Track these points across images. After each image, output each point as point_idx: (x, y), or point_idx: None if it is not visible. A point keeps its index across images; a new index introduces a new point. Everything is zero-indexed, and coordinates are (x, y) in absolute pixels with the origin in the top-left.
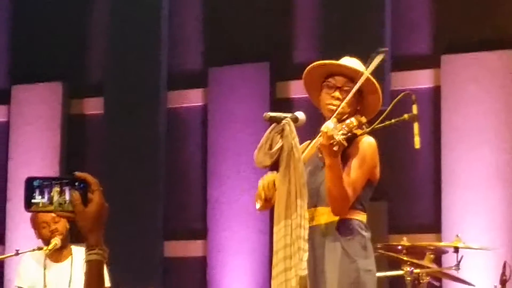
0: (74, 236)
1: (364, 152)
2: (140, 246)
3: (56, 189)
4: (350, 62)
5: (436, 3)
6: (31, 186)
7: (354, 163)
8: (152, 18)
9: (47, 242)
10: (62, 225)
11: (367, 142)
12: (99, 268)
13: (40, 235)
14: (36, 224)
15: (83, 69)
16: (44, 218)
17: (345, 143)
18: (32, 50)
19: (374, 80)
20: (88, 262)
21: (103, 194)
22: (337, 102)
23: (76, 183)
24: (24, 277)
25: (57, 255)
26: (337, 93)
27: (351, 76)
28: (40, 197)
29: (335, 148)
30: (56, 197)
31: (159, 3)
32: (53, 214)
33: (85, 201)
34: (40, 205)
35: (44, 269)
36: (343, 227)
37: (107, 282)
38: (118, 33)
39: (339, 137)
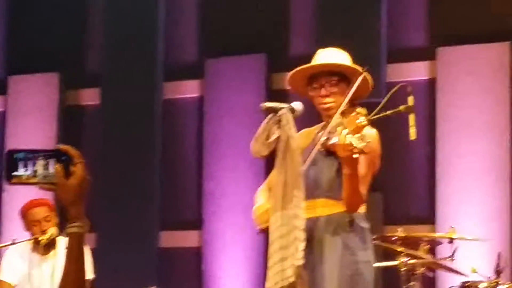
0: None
1: (369, 146)
2: (136, 236)
3: (41, 162)
4: (327, 55)
5: None
6: (13, 159)
7: (361, 159)
8: (149, 9)
9: (37, 241)
10: (53, 223)
11: (370, 135)
12: (80, 241)
13: (31, 233)
14: (27, 222)
15: (80, 60)
16: (36, 216)
17: (366, 151)
18: (29, 40)
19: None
20: (69, 235)
21: (85, 167)
22: (327, 99)
23: (60, 156)
24: (7, 271)
25: (43, 248)
26: (323, 91)
27: (332, 70)
28: (24, 169)
29: (355, 156)
30: (40, 170)
31: None
32: (47, 213)
33: (68, 173)
34: (24, 177)
35: (31, 263)
36: (344, 220)
37: (90, 273)
38: (115, 24)
39: (360, 145)
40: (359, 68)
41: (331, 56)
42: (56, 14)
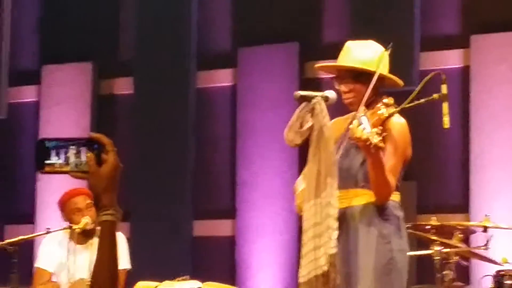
0: None
1: (397, 135)
2: (170, 225)
3: (73, 150)
4: (347, 51)
5: None
6: (45, 147)
7: (389, 149)
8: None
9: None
10: (94, 211)
11: (399, 124)
12: (112, 229)
13: (71, 222)
14: (68, 211)
15: (113, 49)
16: (78, 205)
17: (382, 144)
18: (62, 30)
19: (386, 74)
20: (102, 223)
21: (117, 155)
22: (347, 95)
23: (92, 144)
24: (46, 259)
25: (81, 237)
26: (343, 87)
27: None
28: (56, 158)
29: (372, 151)
30: (72, 158)
31: None
32: (87, 201)
33: (100, 161)
34: (56, 165)
35: (68, 252)
36: (379, 209)
37: (126, 263)
38: (148, 13)
39: (375, 140)
40: (371, 69)
41: (352, 52)
42: (89, 3)
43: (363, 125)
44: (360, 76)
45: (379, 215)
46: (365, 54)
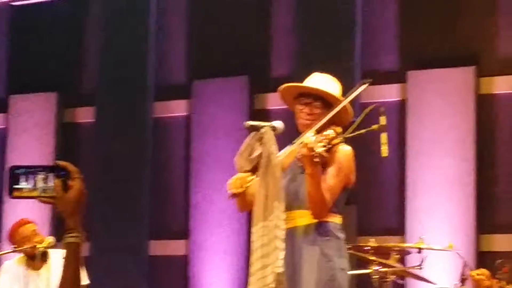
0: None
1: (341, 160)
2: (127, 244)
3: (41, 176)
4: (319, 79)
5: (403, 23)
6: (15, 174)
7: (332, 170)
8: (141, 34)
9: (31, 256)
10: (41, 236)
11: (344, 151)
12: (77, 251)
13: (23, 252)
14: (17, 241)
15: (76, 81)
16: (26, 233)
17: (326, 155)
18: (29, 62)
19: (347, 105)
20: (67, 244)
21: (82, 181)
22: (309, 117)
23: (59, 172)
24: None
25: (35, 263)
26: (307, 110)
27: (319, 94)
28: (25, 183)
29: (315, 160)
30: (40, 184)
31: (148, 19)
32: (32, 228)
33: (66, 187)
34: (25, 191)
35: (24, 280)
36: (321, 229)
37: (85, 279)
38: (110, 47)
39: (319, 149)
40: (341, 100)
41: (323, 82)
42: (54, 37)
43: (310, 137)
44: (328, 104)
45: (322, 235)
46: (334, 86)
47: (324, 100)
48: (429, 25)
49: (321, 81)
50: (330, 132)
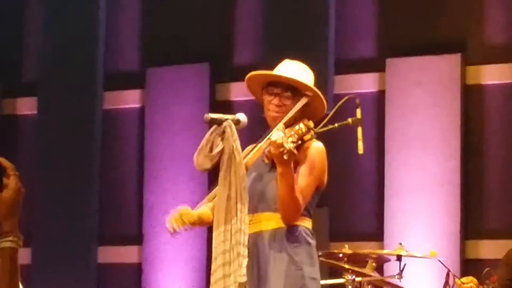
0: None
1: (313, 158)
2: (73, 251)
3: None
4: (290, 67)
5: (380, 6)
6: None
7: (303, 170)
8: (88, 18)
9: None
10: None
11: (316, 148)
12: (13, 257)
13: None
14: None
15: (17, 69)
16: None
17: (296, 152)
18: None
19: (319, 94)
20: (2, 250)
21: (19, 179)
22: (278, 109)
23: None
24: None
25: None
26: (276, 101)
27: (291, 84)
28: None
29: (285, 157)
30: None
31: (96, 2)
32: None
33: (0, 186)
34: None
35: None
36: (290, 234)
37: None
38: (54, 32)
39: (289, 145)
40: (315, 90)
41: (295, 70)
42: None
43: (278, 133)
44: (298, 96)
45: (290, 241)
46: (307, 75)
47: (296, 90)
48: (410, 8)
49: (293, 69)
50: (300, 127)
